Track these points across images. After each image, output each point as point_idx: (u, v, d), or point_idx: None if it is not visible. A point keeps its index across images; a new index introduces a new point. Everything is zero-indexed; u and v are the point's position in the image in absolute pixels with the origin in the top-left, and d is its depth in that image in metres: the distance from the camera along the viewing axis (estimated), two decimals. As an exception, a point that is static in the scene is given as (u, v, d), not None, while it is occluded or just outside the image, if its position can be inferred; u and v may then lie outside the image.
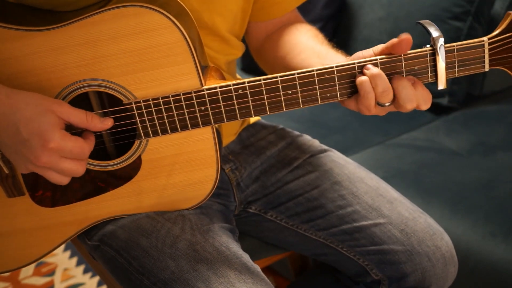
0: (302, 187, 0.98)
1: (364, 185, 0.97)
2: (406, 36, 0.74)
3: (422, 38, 0.81)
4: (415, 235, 0.92)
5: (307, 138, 1.06)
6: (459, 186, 1.31)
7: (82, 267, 1.89)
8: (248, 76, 2.04)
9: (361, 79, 0.75)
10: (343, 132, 1.67)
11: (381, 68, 0.75)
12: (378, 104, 0.76)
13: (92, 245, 0.90)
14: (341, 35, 1.93)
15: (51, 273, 1.88)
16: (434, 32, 0.74)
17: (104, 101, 0.83)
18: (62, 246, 2.00)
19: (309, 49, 0.88)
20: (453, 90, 1.70)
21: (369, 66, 0.75)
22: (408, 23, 1.71)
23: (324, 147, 1.04)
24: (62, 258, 1.94)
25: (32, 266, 1.91)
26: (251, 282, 0.80)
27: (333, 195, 0.96)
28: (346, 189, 0.97)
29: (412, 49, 0.76)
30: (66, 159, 0.72)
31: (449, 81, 0.79)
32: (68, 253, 1.97)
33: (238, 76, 1.09)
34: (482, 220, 1.20)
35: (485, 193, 1.27)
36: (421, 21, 0.77)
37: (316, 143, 1.05)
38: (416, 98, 0.75)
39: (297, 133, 1.07)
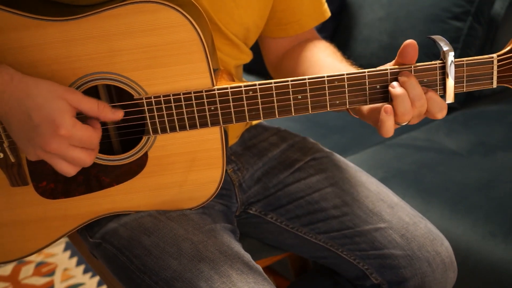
0: (303, 189, 0.98)
1: (365, 189, 0.97)
2: (409, 42, 0.74)
3: (422, 38, 0.81)
4: (415, 240, 0.92)
5: (309, 140, 1.06)
6: (459, 186, 1.31)
7: (82, 267, 1.89)
8: (251, 76, 2.05)
9: (384, 114, 0.75)
10: (343, 132, 1.67)
11: (391, 78, 0.76)
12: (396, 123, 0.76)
13: (93, 243, 0.90)
14: (341, 35, 1.93)
15: (51, 273, 1.88)
16: (445, 46, 0.74)
17: (113, 96, 0.83)
18: (62, 246, 2.00)
19: (329, 66, 0.89)
20: (453, 90, 1.70)
21: (394, 84, 0.75)
22: (408, 23, 1.71)
23: (326, 150, 1.05)
24: (62, 258, 1.95)
25: (32, 266, 1.91)
26: (253, 281, 0.80)
27: (334, 199, 0.96)
28: (347, 193, 0.97)
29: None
30: (76, 147, 0.72)
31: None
32: (68, 253, 1.97)
33: (244, 80, 1.09)
34: (482, 220, 1.20)
35: (485, 193, 1.27)
36: (433, 36, 0.77)
37: (318, 145, 1.05)
38: (424, 99, 0.75)
39: (299, 135, 1.07)
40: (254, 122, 1.08)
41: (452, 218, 1.23)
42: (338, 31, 1.95)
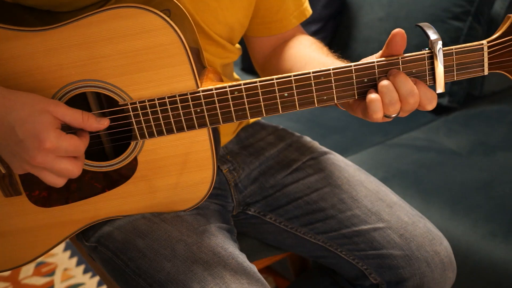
0: (302, 190, 0.98)
1: (363, 188, 0.97)
2: (397, 30, 0.72)
3: (422, 38, 0.81)
4: (414, 240, 0.92)
5: (307, 139, 1.06)
6: (459, 186, 1.31)
7: (82, 267, 1.89)
8: (248, 76, 2.04)
9: (370, 97, 0.73)
10: (343, 132, 1.67)
11: (378, 71, 0.75)
12: (385, 116, 0.75)
13: (90, 247, 0.91)
14: (341, 35, 1.93)
15: (51, 273, 1.88)
16: (432, 35, 0.73)
17: (102, 101, 0.83)
18: (62, 246, 2.00)
19: (315, 61, 0.88)
20: (453, 90, 1.70)
21: (383, 78, 0.74)
22: (408, 23, 1.71)
23: (324, 149, 1.04)
24: (62, 258, 1.95)
25: (32, 266, 1.91)
26: (246, 282, 0.80)
27: (332, 199, 0.96)
28: (346, 192, 0.96)
29: (412, 49, 0.76)
30: (62, 158, 0.72)
31: (449, 82, 0.78)
32: (68, 253, 1.97)
33: (236, 76, 1.09)
34: (482, 220, 1.20)
35: (485, 193, 1.27)
36: (420, 24, 0.75)
37: (316, 145, 1.05)
38: (417, 94, 0.74)
39: (297, 134, 1.07)
40: (251, 121, 1.08)
41: (452, 218, 1.23)
42: (338, 31, 1.95)
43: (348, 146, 1.59)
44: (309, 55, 0.91)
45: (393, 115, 0.75)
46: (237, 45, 0.99)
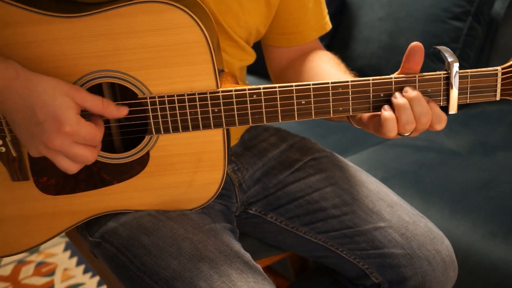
0: (303, 189, 0.99)
1: (364, 188, 0.97)
2: (415, 44, 0.74)
3: (424, 39, 0.81)
4: (415, 239, 0.92)
5: (308, 140, 1.06)
6: (459, 186, 1.31)
7: (82, 267, 1.89)
8: (251, 77, 2.05)
9: (385, 115, 0.74)
10: (343, 132, 1.67)
11: (395, 87, 0.76)
12: (398, 134, 0.76)
13: (93, 242, 0.91)
14: (341, 35, 1.93)
15: (51, 273, 1.88)
16: (449, 57, 0.75)
17: (117, 95, 0.83)
18: (62, 246, 2.00)
19: (332, 76, 0.89)
20: (453, 90, 1.70)
21: (397, 95, 0.75)
22: (408, 23, 1.71)
23: (326, 149, 1.05)
24: (62, 258, 1.95)
25: (32, 266, 1.91)
26: (252, 280, 0.80)
27: (333, 198, 0.96)
28: (347, 192, 0.97)
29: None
30: (79, 144, 0.72)
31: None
32: (68, 253, 1.97)
33: (247, 82, 1.10)
34: (482, 220, 1.20)
35: (485, 193, 1.27)
36: (438, 47, 0.77)
37: (317, 146, 1.05)
38: (430, 114, 0.75)
39: (298, 135, 1.07)
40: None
41: (452, 218, 1.23)
42: (338, 31, 1.95)
43: (348, 146, 1.59)
44: (327, 70, 0.92)
45: (406, 134, 0.76)
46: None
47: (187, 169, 0.83)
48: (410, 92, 0.74)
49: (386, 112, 0.75)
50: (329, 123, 1.73)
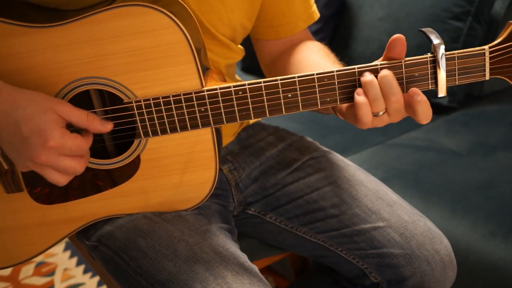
0: (302, 189, 0.98)
1: (363, 188, 0.97)
2: (397, 36, 0.73)
3: (423, 38, 0.81)
4: (414, 239, 0.92)
5: (307, 139, 1.06)
6: (459, 186, 1.31)
7: (82, 267, 1.89)
8: (248, 76, 2.04)
9: (358, 99, 0.74)
10: (342, 132, 1.67)
11: None
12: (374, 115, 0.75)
13: (90, 246, 0.91)
14: (341, 35, 1.93)
15: (51, 273, 1.88)
16: (435, 40, 0.74)
17: (106, 99, 0.83)
18: (62, 246, 2.00)
19: (321, 66, 0.88)
20: (453, 90, 1.70)
21: (366, 73, 0.74)
22: (408, 23, 1.71)
23: (324, 149, 1.04)
24: (62, 258, 1.95)
25: (32, 266, 1.91)
26: (248, 282, 0.80)
27: (332, 198, 0.96)
28: (346, 192, 0.97)
29: (413, 49, 0.76)
30: (66, 156, 0.72)
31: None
32: (68, 253, 1.97)
33: (237, 77, 1.09)
34: (482, 220, 1.20)
35: (485, 193, 1.27)
36: (423, 29, 0.76)
37: (316, 145, 1.05)
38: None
39: (297, 134, 1.07)
40: (252, 121, 1.08)
41: (452, 218, 1.23)
42: (338, 31, 1.94)
43: (348, 146, 1.59)
44: (316, 61, 0.91)
45: (381, 113, 0.75)
46: (240, 46, 1.00)
47: (179, 169, 0.83)
48: (381, 72, 0.74)
49: (359, 96, 0.74)
50: (328, 123, 1.72)
